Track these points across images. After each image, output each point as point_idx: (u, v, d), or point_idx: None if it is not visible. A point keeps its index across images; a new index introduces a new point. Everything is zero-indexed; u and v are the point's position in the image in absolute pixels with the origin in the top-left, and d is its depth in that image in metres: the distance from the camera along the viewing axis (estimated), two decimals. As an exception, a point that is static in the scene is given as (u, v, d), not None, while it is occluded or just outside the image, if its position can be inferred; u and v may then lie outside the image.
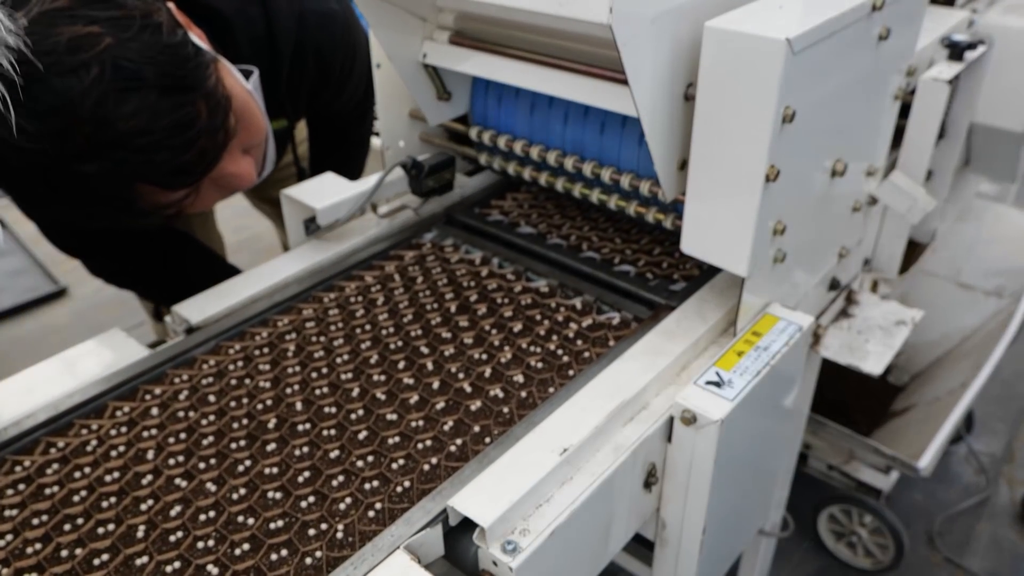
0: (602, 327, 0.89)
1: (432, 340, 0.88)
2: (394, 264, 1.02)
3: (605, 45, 0.83)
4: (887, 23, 0.81)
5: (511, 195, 1.16)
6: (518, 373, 0.83)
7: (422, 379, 0.83)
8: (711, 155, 0.74)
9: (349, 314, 0.93)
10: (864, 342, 0.97)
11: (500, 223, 1.09)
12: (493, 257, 1.02)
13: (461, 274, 0.99)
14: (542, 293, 0.95)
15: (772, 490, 1.05)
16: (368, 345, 0.88)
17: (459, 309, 0.93)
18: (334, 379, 0.84)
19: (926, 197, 0.99)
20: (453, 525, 0.65)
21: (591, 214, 1.11)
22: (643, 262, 1.00)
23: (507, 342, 0.88)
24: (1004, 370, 2.19)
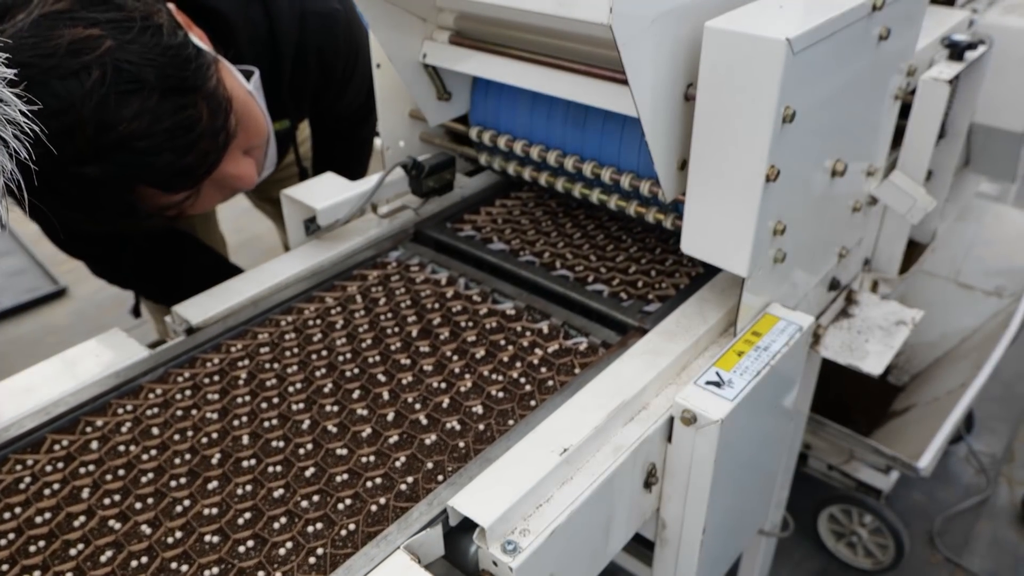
0: (568, 353, 0.85)
1: (390, 367, 0.85)
2: (356, 284, 0.98)
3: (605, 45, 0.83)
4: (887, 23, 0.81)
5: (485, 209, 1.12)
6: (477, 403, 0.79)
7: (376, 410, 0.79)
8: (711, 155, 0.74)
9: (306, 338, 0.89)
10: (864, 342, 0.97)
11: (472, 239, 1.05)
12: (460, 277, 0.98)
13: (425, 295, 0.95)
14: (508, 316, 0.91)
15: (772, 490, 1.05)
16: (323, 373, 0.84)
17: (421, 333, 0.89)
18: (285, 410, 0.80)
19: (926, 197, 0.99)
20: (453, 525, 0.65)
21: (567, 229, 1.08)
22: (617, 281, 0.96)
23: (468, 369, 0.84)
24: (1004, 370, 2.19)
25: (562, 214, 1.12)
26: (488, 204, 1.14)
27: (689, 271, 0.97)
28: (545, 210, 1.12)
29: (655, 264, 0.99)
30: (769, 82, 0.67)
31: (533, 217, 1.11)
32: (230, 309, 0.92)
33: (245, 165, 0.97)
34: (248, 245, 2.71)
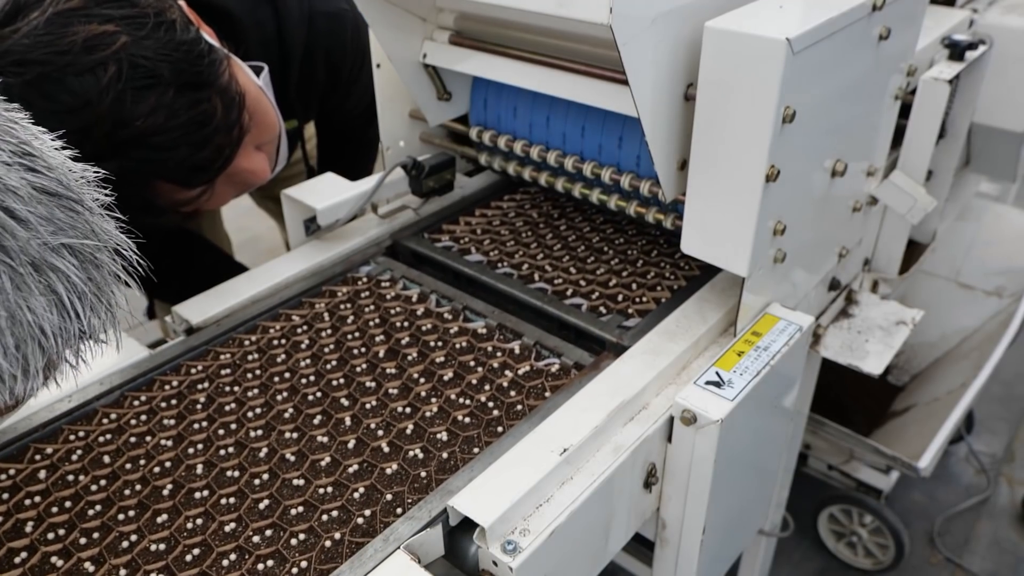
0: (539, 375, 0.82)
1: (354, 391, 0.82)
2: (325, 302, 0.95)
3: (605, 45, 0.83)
4: (887, 23, 0.81)
5: (464, 219, 1.10)
6: (442, 430, 0.76)
7: (337, 437, 0.76)
8: (711, 155, 0.74)
9: (269, 359, 0.86)
10: (864, 342, 0.97)
11: (449, 250, 1.02)
12: (431, 294, 0.95)
13: (395, 313, 0.92)
14: (479, 335, 0.88)
15: (772, 490, 1.05)
16: (284, 397, 0.81)
17: (388, 354, 0.86)
18: (242, 437, 0.77)
19: (926, 197, 0.99)
20: (453, 525, 0.65)
21: (547, 240, 1.05)
22: (597, 295, 0.93)
23: (435, 393, 0.81)
24: (1004, 370, 2.19)
25: (543, 224, 1.09)
26: (468, 214, 1.11)
27: (671, 284, 0.95)
28: (525, 220, 1.10)
29: (636, 277, 0.97)
30: (769, 82, 0.67)
31: (513, 227, 1.08)
32: (230, 309, 0.92)
33: (258, 160, 0.98)
34: (250, 245, 2.71)
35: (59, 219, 0.40)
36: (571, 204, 1.13)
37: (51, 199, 0.40)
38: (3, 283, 0.37)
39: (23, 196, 0.38)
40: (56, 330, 0.40)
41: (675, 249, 1.01)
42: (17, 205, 0.38)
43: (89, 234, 0.42)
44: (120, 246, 0.45)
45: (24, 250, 0.38)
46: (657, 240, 1.04)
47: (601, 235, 1.07)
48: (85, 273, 0.41)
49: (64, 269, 0.40)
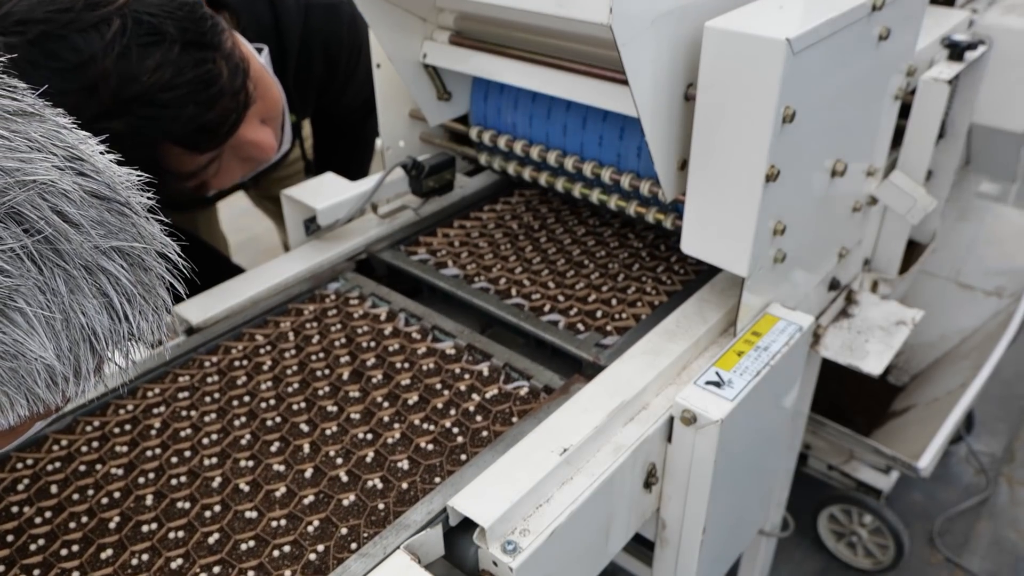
0: (507, 398, 0.79)
1: (315, 416, 0.79)
2: (290, 320, 0.91)
3: (605, 45, 0.83)
4: (887, 23, 0.81)
5: (442, 230, 1.06)
6: (404, 458, 0.73)
7: (294, 465, 0.73)
8: (711, 155, 0.74)
9: (229, 382, 0.83)
10: (864, 342, 0.97)
11: (425, 263, 1.00)
12: (400, 312, 0.92)
13: (362, 332, 0.89)
14: (447, 356, 0.85)
15: (772, 490, 1.05)
16: (242, 422, 0.78)
17: (352, 376, 0.83)
18: (195, 465, 0.74)
19: (926, 197, 0.99)
20: (453, 525, 0.65)
21: (526, 253, 1.02)
22: (575, 311, 0.91)
23: (398, 418, 0.78)
24: (1004, 370, 2.19)
25: (523, 236, 1.06)
26: (446, 225, 1.08)
27: (652, 299, 0.92)
28: (505, 232, 1.07)
29: (616, 292, 0.94)
30: (769, 82, 0.67)
31: (492, 240, 1.05)
32: (230, 309, 0.92)
33: (264, 133, 0.98)
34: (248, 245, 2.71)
35: (109, 222, 0.41)
36: (552, 215, 1.11)
37: (101, 203, 0.40)
38: (58, 285, 0.38)
39: (75, 200, 0.39)
40: (107, 332, 0.41)
41: (657, 263, 1.00)
42: (71, 209, 0.38)
43: (137, 237, 0.42)
44: (165, 249, 0.45)
45: (77, 253, 0.38)
46: (639, 253, 1.02)
47: (582, 248, 1.04)
48: (134, 275, 0.42)
49: (115, 271, 0.40)
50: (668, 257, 1.01)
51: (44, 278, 0.37)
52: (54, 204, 0.38)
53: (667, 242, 1.03)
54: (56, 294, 0.38)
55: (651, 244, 1.04)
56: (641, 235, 1.06)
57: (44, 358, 0.38)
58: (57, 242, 0.38)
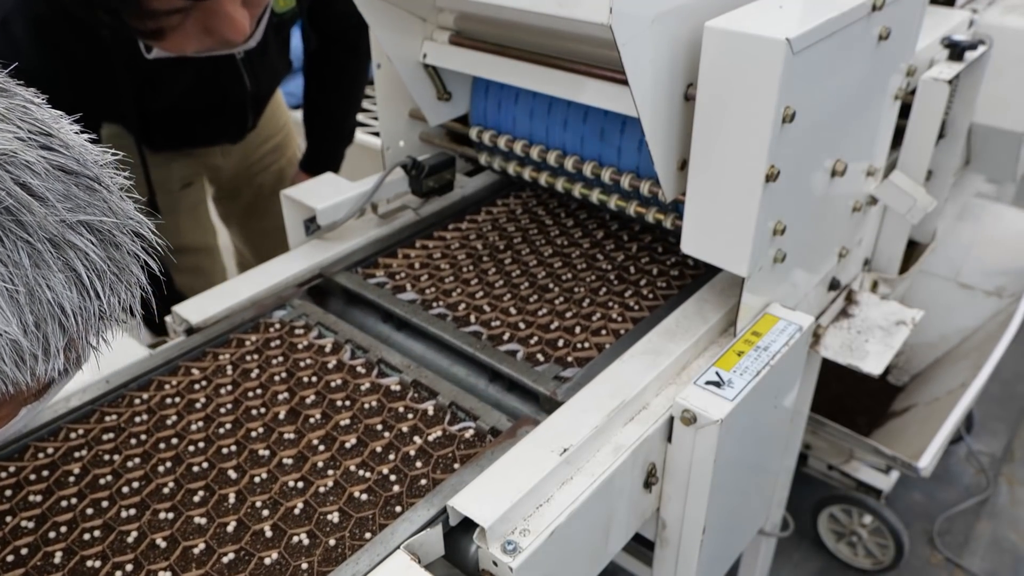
0: (451, 441, 0.74)
1: (245, 461, 0.73)
2: (230, 353, 0.86)
3: (605, 45, 0.83)
4: (887, 23, 0.81)
5: (403, 251, 1.02)
6: (334, 510, 0.68)
7: (217, 518, 0.68)
8: (711, 155, 0.74)
9: (158, 422, 0.77)
10: (864, 342, 0.97)
11: (382, 286, 0.95)
12: (346, 343, 0.87)
13: (304, 366, 0.84)
14: (391, 393, 0.80)
15: (772, 490, 1.05)
16: (166, 468, 0.73)
17: (288, 416, 0.78)
18: (112, 517, 0.68)
19: (926, 197, 0.99)
20: (453, 525, 0.65)
21: (489, 275, 0.97)
22: (536, 340, 0.86)
23: (333, 463, 0.73)
24: (1004, 370, 2.19)
25: (487, 257, 1.01)
26: (407, 246, 1.04)
27: (617, 327, 0.88)
28: (469, 252, 1.02)
29: (580, 320, 0.89)
30: (769, 82, 0.67)
31: (455, 261, 1.01)
32: (230, 309, 0.92)
33: (241, 13, 0.96)
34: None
35: (77, 196, 0.40)
36: (519, 235, 1.06)
37: (68, 176, 0.40)
38: (21, 258, 0.37)
39: (39, 172, 0.38)
40: (76, 308, 0.40)
41: (626, 286, 0.95)
42: (34, 181, 0.38)
43: (107, 212, 0.41)
44: (140, 228, 0.44)
45: (42, 226, 0.38)
46: (607, 276, 0.97)
47: (548, 270, 0.99)
48: (104, 252, 0.41)
49: (82, 246, 0.40)
50: (637, 280, 0.97)
51: (6, 249, 0.37)
52: (16, 176, 0.37)
53: (637, 263, 1.00)
54: (19, 266, 0.37)
55: (620, 266, 0.99)
56: (611, 256, 1.02)
57: (8, 332, 0.37)
58: (19, 213, 0.37)
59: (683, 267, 0.99)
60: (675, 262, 1.00)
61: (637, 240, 1.05)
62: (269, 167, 1.52)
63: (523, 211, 1.13)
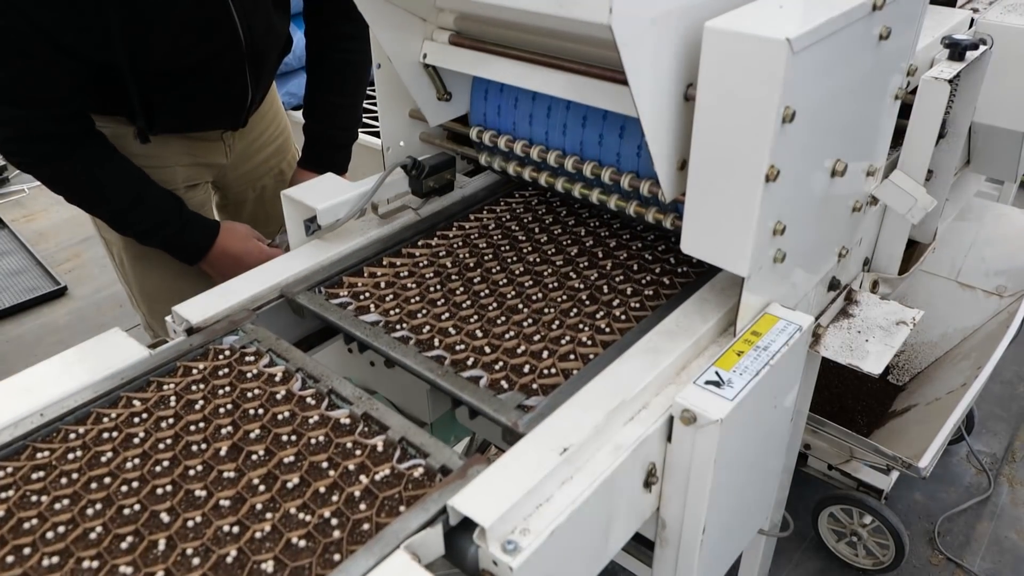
0: (399, 480, 0.70)
1: (179, 503, 0.69)
2: (175, 383, 0.82)
3: (605, 45, 0.83)
4: (887, 23, 0.81)
5: (369, 269, 0.99)
6: (269, 559, 0.64)
7: (143, 567, 0.63)
8: (711, 155, 0.74)
9: (93, 459, 0.73)
10: (864, 342, 0.97)
11: (345, 307, 0.92)
12: (297, 372, 0.83)
13: (251, 397, 0.80)
14: (340, 427, 0.76)
15: (772, 490, 1.05)
16: (96, 511, 0.68)
17: (230, 452, 0.74)
18: (32, 567, 0.64)
19: (926, 197, 0.99)
20: (453, 525, 0.65)
21: (456, 295, 0.94)
22: (501, 365, 0.82)
23: (273, 505, 0.68)
24: (1004, 370, 2.19)
25: (456, 276, 0.98)
26: (375, 264, 1.00)
27: (586, 352, 0.84)
28: (437, 271, 0.99)
29: (548, 344, 0.86)
30: (769, 82, 0.67)
31: (422, 280, 0.97)
32: (230, 309, 0.92)
33: None
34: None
35: None
36: (490, 252, 1.02)
37: None
38: None
39: None
40: None
41: (598, 307, 0.91)
42: None
43: None
44: None
45: None
46: (578, 296, 0.94)
47: (517, 290, 0.95)
48: None
49: None
50: (610, 301, 0.93)
51: None
52: None
53: (611, 282, 0.96)
54: None
55: (593, 285, 0.96)
56: (584, 274, 0.98)
57: None
58: None
59: (673, 275, 0.98)
60: (653, 279, 0.97)
61: (626, 248, 1.04)
62: (271, 170, 1.52)
63: (496, 226, 1.09)
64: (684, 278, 0.97)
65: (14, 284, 2.79)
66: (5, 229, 3.15)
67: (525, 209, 1.14)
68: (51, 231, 3.12)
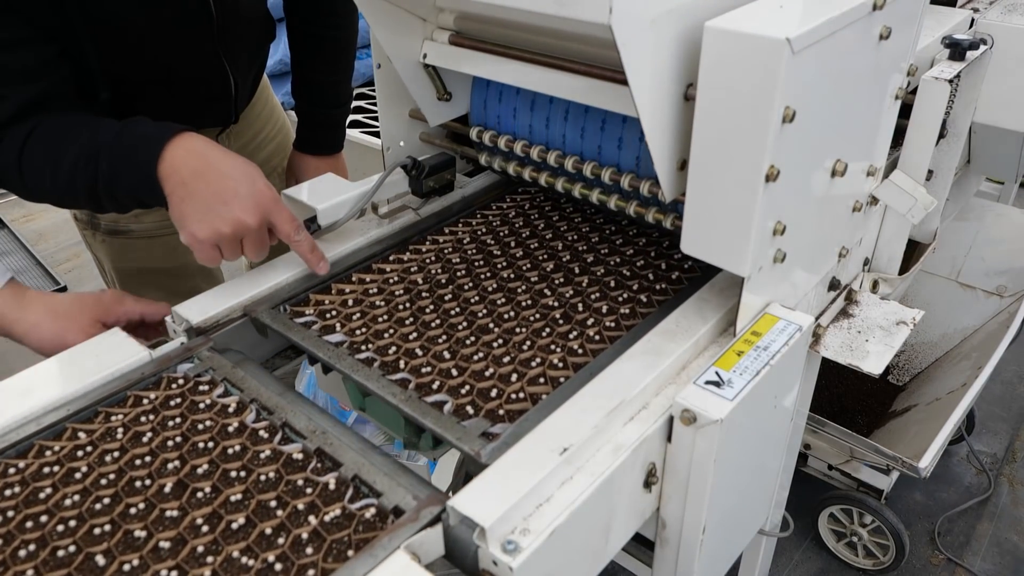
0: (349, 522, 0.66)
1: (117, 543, 0.65)
2: (123, 413, 0.78)
3: (605, 45, 0.83)
4: (888, 23, 0.81)
5: (337, 285, 0.96)
6: None
7: None
8: (711, 155, 0.74)
9: (30, 496, 0.69)
10: (864, 342, 0.97)
11: (309, 326, 0.89)
12: (251, 403, 0.79)
13: (202, 429, 0.76)
14: (292, 463, 0.72)
15: (772, 490, 1.05)
16: (29, 551, 0.64)
17: (175, 489, 0.70)
18: None
19: (927, 197, 0.99)
20: (453, 525, 0.65)
21: (426, 313, 0.90)
22: (467, 389, 0.79)
23: (215, 548, 0.64)
24: (1005, 370, 2.19)
25: (426, 293, 0.94)
26: (344, 281, 0.97)
27: (557, 375, 0.81)
28: (407, 287, 0.95)
29: (518, 366, 0.82)
30: (769, 82, 0.67)
31: (391, 297, 0.93)
32: (230, 309, 0.92)
33: None
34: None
35: None
36: (463, 267, 0.99)
37: None
38: None
39: None
40: None
41: (571, 327, 0.88)
42: None
43: None
44: None
45: None
46: (551, 314, 0.90)
47: (489, 308, 0.91)
48: None
49: None
50: (584, 320, 0.89)
51: None
52: None
53: (587, 299, 0.93)
54: None
55: (568, 303, 0.92)
56: (559, 291, 0.94)
57: None
58: None
59: (651, 292, 0.94)
60: (630, 297, 0.94)
61: (603, 263, 1.00)
62: (273, 170, 1.52)
63: (470, 239, 1.05)
64: (662, 295, 0.94)
65: (14, 284, 2.79)
66: (5, 229, 3.15)
67: (502, 222, 1.10)
68: (51, 231, 3.13)
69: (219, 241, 0.88)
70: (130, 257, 1.31)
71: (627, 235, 1.07)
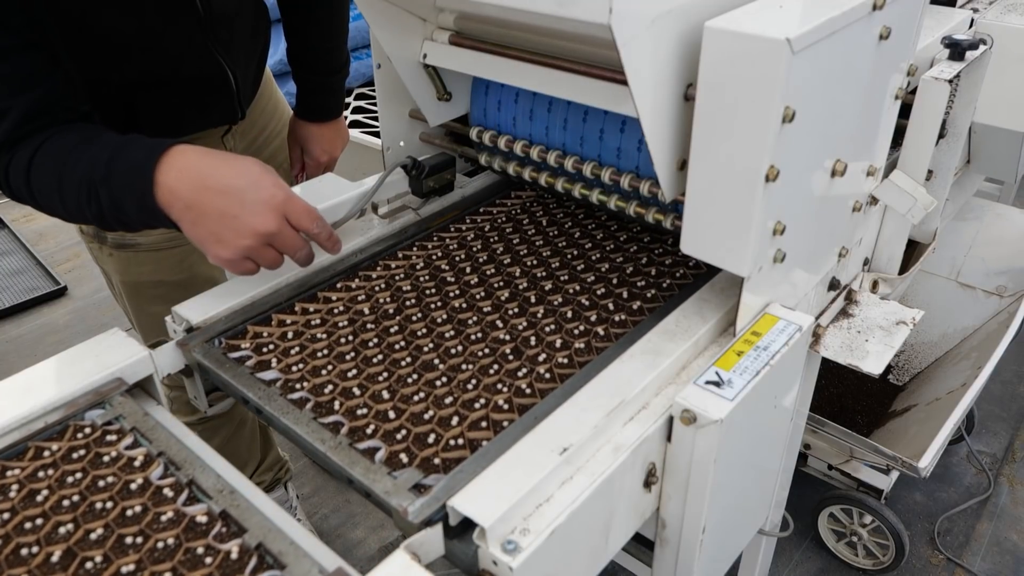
0: None
1: None
2: (21, 467, 0.71)
3: (605, 45, 0.83)
4: (887, 23, 0.81)
5: (278, 316, 0.90)
6: None
7: None
8: (711, 155, 0.74)
9: None
10: (864, 342, 0.97)
11: (243, 362, 0.83)
12: (159, 456, 0.72)
13: (102, 487, 0.70)
14: (194, 527, 0.66)
15: (772, 490, 1.05)
16: None
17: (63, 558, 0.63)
18: None
19: (926, 197, 0.99)
20: (453, 525, 0.65)
21: (369, 347, 0.85)
22: (403, 433, 0.74)
23: None
24: (1004, 370, 2.19)
25: (371, 324, 0.89)
26: (285, 311, 0.91)
27: (500, 418, 0.75)
28: (352, 318, 0.90)
29: (460, 408, 0.76)
30: (769, 82, 0.67)
31: (334, 328, 0.88)
32: (230, 309, 0.92)
33: None
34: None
35: None
36: (413, 296, 0.93)
37: None
38: None
39: None
40: None
41: (521, 363, 0.82)
42: None
43: None
44: None
45: None
46: (501, 348, 0.84)
47: (437, 340, 0.86)
48: None
49: None
50: (535, 356, 0.83)
51: None
52: None
53: (540, 331, 0.87)
54: None
55: (521, 337, 0.86)
56: (511, 323, 0.88)
57: None
58: None
59: (609, 324, 0.88)
60: (586, 330, 0.87)
61: (561, 292, 0.95)
62: (278, 168, 1.50)
63: (424, 265, 1.00)
64: (621, 327, 0.88)
65: (14, 284, 2.79)
66: (5, 229, 3.15)
67: (459, 246, 1.04)
68: (51, 231, 3.13)
69: (246, 255, 0.85)
70: (138, 270, 1.30)
71: (618, 241, 1.07)
